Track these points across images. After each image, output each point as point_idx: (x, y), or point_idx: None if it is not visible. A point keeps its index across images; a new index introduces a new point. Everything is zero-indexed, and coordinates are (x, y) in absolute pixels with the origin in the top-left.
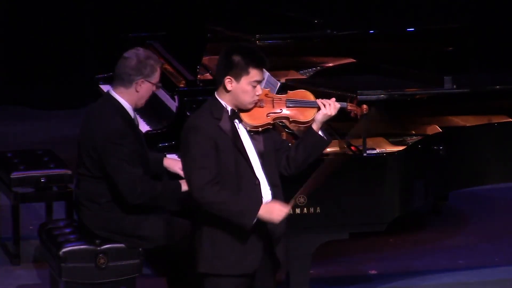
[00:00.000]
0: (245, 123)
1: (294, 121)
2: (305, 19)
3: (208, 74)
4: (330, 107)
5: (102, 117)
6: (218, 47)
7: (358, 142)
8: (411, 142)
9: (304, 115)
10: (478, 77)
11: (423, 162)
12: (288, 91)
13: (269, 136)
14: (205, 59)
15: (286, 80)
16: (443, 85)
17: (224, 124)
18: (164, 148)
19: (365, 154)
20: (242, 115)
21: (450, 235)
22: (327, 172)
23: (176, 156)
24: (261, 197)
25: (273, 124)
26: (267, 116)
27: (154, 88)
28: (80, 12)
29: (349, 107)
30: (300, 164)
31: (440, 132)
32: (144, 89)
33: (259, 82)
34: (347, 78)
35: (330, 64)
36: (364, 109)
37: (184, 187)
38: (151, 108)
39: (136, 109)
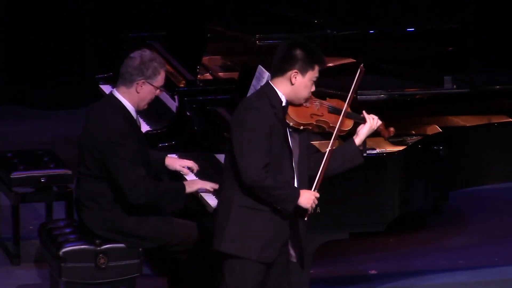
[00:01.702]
0: (290, 118)
1: (333, 128)
2: (305, 19)
3: (208, 74)
4: (374, 121)
5: (104, 117)
6: (218, 47)
7: None
8: (411, 142)
9: (344, 123)
10: (478, 77)
11: (423, 162)
12: (328, 98)
13: (304, 137)
14: (205, 59)
15: None
16: (443, 85)
17: (279, 114)
18: (164, 148)
19: (365, 154)
20: (289, 110)
21: (450, 235)
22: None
23: (177, 156)
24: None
25: (313, 126)
26: (311, 117)
27: (156, 91)
28: (80, 12)
29: (380, 127)
30: (329, 171)
31: (440, 132)
32: (145, 90)
33: (317, 78)
34: (347, 78)
35: (330, 64)
36: (391, 132)
37: (188, 188)
38: (151, 108)
39: (138, 111)
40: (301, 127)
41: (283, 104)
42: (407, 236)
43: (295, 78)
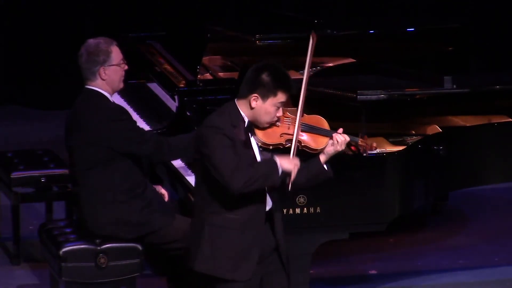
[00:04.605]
0: (258, 138)
1: (305, 147)
2: (305, 19)
3: (208, 74)
4: (341, 143)
5: (92, 105)
6: (218, 47)
7: None
8: (411, 142)
9: (316, 142)
10: (478, 77)
11: (423, 162)
12: (304, 114)
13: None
14: (205, 59)
15: None
16: (443, 85)
17: (239, 133)
18: None
19: (365, 154)
20: (257, 130)
21: (450, 235)
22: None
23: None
24: (266, 200)
25: (284, 145)
26: (281, 136)
27: (120, 68)
28: (80, 12)
29: (360, 143)
30: (298, 187)
31: (440, 132)
32: (109, 74)
33: (282, 104)
34: (347, 78)
35: (330, 64)
36: (373, 147)
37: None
38: (151, 108)
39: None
40: (270, 147)
41: (246, 124)
42: (407, 236)
43: (255, 102)
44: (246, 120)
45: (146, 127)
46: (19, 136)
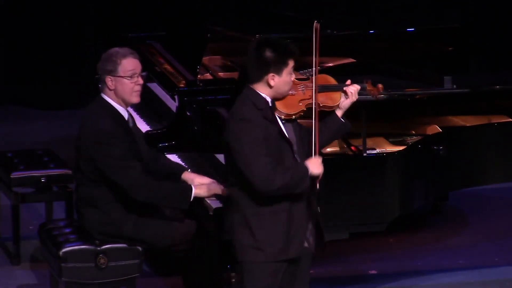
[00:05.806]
0: (280, 111)
1: (324, 106)
2: (305, 19)
3: (208, 74)
4: (354, 93)
5: (91, 119)
6: (218, 47)
7: (358, 142)
8: (411, 142)
9: (332, 99)
10: (478, 77)
11: (423, 162)
12: (309, 76)
13: (296, 124)
14: (205, 59)
15: None
16: (443, 85)
17: (267, 114)
18: (164, 148)
19: (365, 154)
20: (277, 104)
21: (450, 235)
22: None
23: (177, 156)
24: None
25: (305, 111)
26: (300, 103)
27: (134, 80)
28: (80, 12)
29: (368, 87)
30: (321, 146)
31: (440, 132)
32: (117, 85)
33: (294, 67)
34: (347, 78)
35: (330, 64)
36: (380, 88)
37: (200, 191)
38: (151, 108)
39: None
40: (293, 117)
41: (270, 104)
42: (407, 236)
43: (273, 80)
44: (269, 100)
45: (146, 127)
46: (19, 136)
